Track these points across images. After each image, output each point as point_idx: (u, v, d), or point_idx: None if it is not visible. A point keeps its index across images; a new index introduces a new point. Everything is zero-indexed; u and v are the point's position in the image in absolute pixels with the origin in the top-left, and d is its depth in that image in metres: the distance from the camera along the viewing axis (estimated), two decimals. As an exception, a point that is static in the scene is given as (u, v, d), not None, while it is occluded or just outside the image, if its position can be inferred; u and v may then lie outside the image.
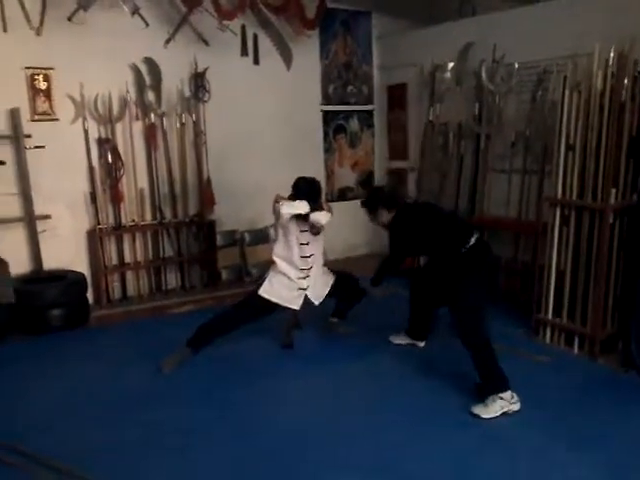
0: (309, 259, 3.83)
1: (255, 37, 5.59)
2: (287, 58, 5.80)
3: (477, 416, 3.08)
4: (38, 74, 4.65)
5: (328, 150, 6.22)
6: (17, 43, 4.53)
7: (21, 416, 3.20)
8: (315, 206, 3.69)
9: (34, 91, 4.66)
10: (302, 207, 3.64)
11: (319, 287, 3.91)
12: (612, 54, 3.51)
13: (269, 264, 5.05)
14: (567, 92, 3.77)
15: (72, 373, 3.77)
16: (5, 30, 4.48)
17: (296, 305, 3.86)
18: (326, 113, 6.16)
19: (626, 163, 3.66)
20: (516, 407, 3.10)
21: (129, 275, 5.25)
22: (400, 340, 4.13)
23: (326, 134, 6.19)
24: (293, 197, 3.75)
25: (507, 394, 3.10)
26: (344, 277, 4.11)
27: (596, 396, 3.30)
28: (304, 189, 3.75)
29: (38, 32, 4.59)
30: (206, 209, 5.41)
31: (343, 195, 6.37)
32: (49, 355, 4.06)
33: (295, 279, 3.81)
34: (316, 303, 3.91)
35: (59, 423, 3.11)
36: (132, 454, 2.80)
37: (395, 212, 3.64)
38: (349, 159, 6.38)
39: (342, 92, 6.21)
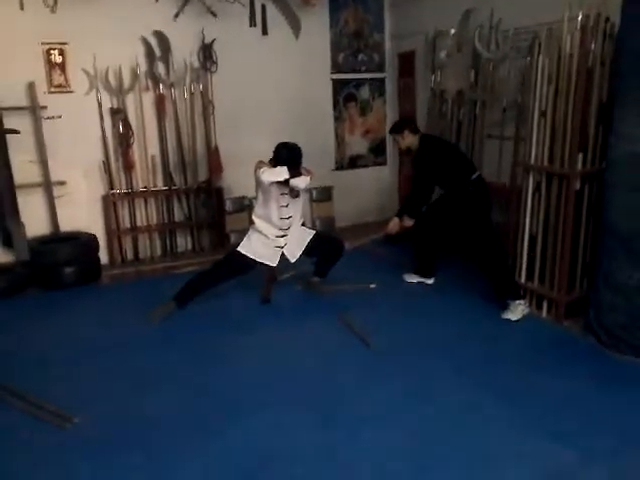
0: (287, 220, 4.07)
1: (263, 8, 5.74)
2: (296, 28, 5.94)
3: (508, 320, 3.84)
4: (54, 49, 5.01)
5: (338, 118, 6.35)
6: (33, 20, 4.89)
7: (20, 357, 3.61)
8: (295, 171, 3.89)
9: (50, 65, 5.03)
10: (282, 174, 3.86)
11: (295, 245, 4.16)
12: (580, 17, 3.49)
13: None
14: (540, 57, 3.78)
15: (75, 322, 4.18)
16: (22, 8, 4.83)
17: (273, 262, 4.12)
18: (336, 81, 6.28)
19: (596, 130, 3.66)
20: (528, 310, 3.93)
21: (142, 238, 5.61)
22: (411, 279, 4.64)
23: (336, 102, 6.32)
24: (274, 162, 3.95)
25: (523, 300, 3.92)
26: (322, 236, 4.32)
27: (545, 356, 3.40)
28: (285, 155, 3.96)
29: (53, 9, 4.92)
30: (214, 176, 5.68)
31: (354, 163, 6.52)
32: (59, 307, 4.48)
33: (272, 237, 4.06)
34: (292, 260, 4.17)
35: (51, 362, 3.52)
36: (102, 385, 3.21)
37: (419, 138, 4.30)
38: (360, 127, 6.50)
39: (353, 60, 6.30)
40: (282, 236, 4.11)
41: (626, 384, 3.06)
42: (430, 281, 4.60)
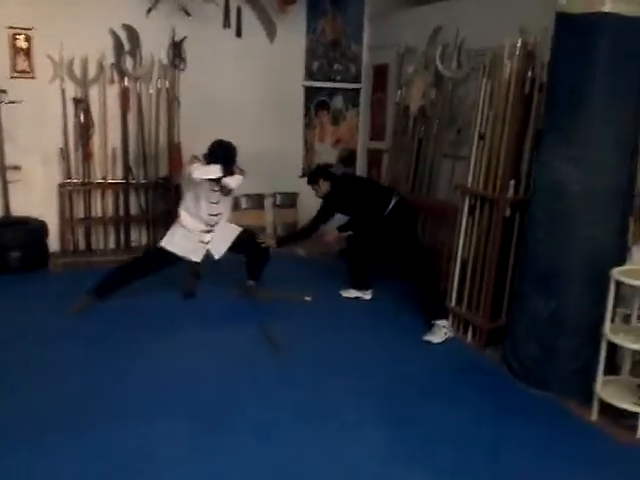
0: (216, 217, 4.08)
1: (239, 10, 5.75)
2: (270, 32, 5.95)
3: (429, 342, 3.78)
4: (20, 34, 5.02)
5: (308, 125, 6.34)
6: (1, 4, 4.90)
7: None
8: (228, 170, 3.87)
9: (15, 50, 5.04)
10: (214, 172, 3.85)
11: (220, 242, 4.17)
12: (518, 44, 3.46)
13: None
14: (484, 80, 3.75)
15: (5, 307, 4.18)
16: (-11, -8, 4.85)
17: (197, 257, 4.11)
18: (308, 88, 6.26)
19: (530, 157, 3.62)
20: (452, 334, 3.89)
21: (96, 229, 5.61)
22: (349, 294, 4.63)
23: (307, 109, 6.30)
24: (208, 159, 3.94)
25: (448, 322, 3.90)
26: (248, 234, 4.33)
27: (452, 383, 3.35)
28: (219, 153, 3.95)
29: (21, -6, 4.94)
30: (174, 172, 5.67)
31: (322, 171, 6.46)
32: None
33: (197, 232, 4.04)
34: (216, 257, 4.19)
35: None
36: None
37: (331, 182, 4.33)
38: (331, 136, 6.48)
39: (327, 69, 6.29)
40: (208, 232, 4.09)
41: (523, 417, 2.99)
42: (368, 295, 4.60)
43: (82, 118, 5.27)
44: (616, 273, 2.84)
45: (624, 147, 2.98)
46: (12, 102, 5.05)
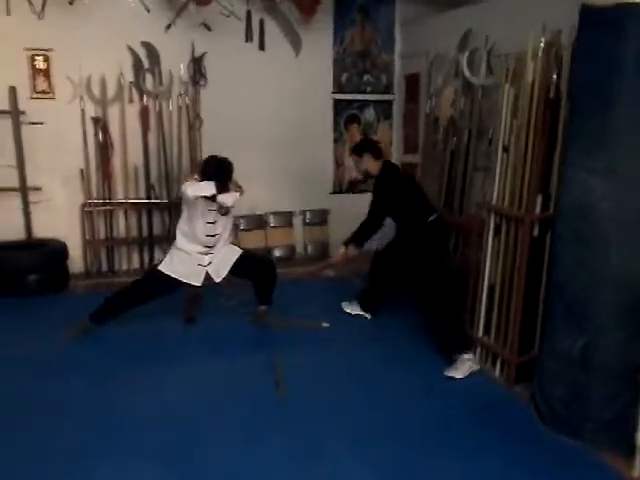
0: (214, 238, 3.85)
1: (261, 22, 5.56)
2: (296, 44, 5.73)
3: (452, 378, 3.40)
4: (38, 55, 5.00)
5: (338, 140, 6.07)
6: (19, 25, 4.90)
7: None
8: (223, 187, 3.65)
9: (34, 71, 5.03)
10: (208, 189, 3.63)
11: (220, 264, 3.93)
12: (542, 44, 3.07)
13: (261, 250, 5.21)
14: (507, 87, 3.38)
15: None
16: (9, 13, 4.85)
17: (196, 281, 3.88)
18: (337, 102, 6.00)
19: (560, 169, 3.21)
20: (477, 367, 3.49)
21: (119, 250, 5.50)
22: (350, 309, 4.38)
23: (337, 123, 6.03)
24: (202, 176, 3.73)
25: (472, 354, 3.51)
26: (250, 256, 4.08)
27: (470, 428, 2.96)
28: (213, 169, 3.73)
29: (40, 16, 4.92)
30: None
31: (353, 187, 6.19)
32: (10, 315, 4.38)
33: (195, 255, 3.82)
34: (216, 280, 3.94)
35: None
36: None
37: (381, 165, 4.04)
38: (362, 150, 6.15)
39: (357, 81, 6.01)
40: (206, 254, 3.86)
41: (552, 472, 2.59)
42: (368, 316, 4.32)
43: (101, 137, 5.17)
44: (655, 306, 2.41)
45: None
46: (33, 123, 5.01)
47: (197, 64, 5.39)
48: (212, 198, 3.64)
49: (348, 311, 4.39)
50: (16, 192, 5.08)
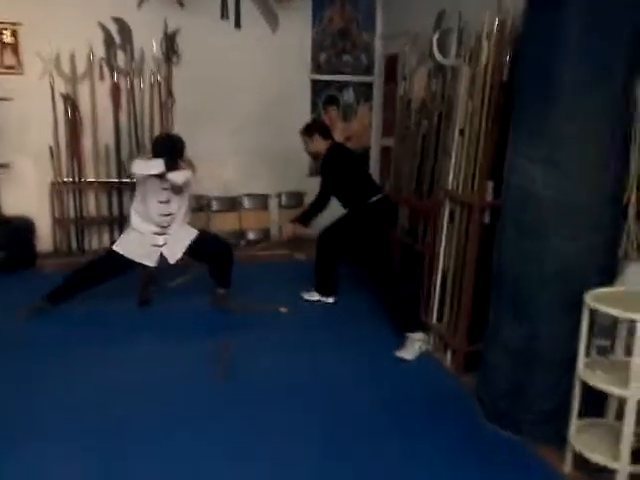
0: (168, 217, 3.79)
1: (237, 0, 5.44)
2: (272, 23, 5.62)
3: (402, 359, 3.39)
4: (6, 29, 4.90)
5: (316, 121, 5.93)
6: (-15, -1, 4.80)
7: None
8: (172, 164, 3.57)
9: (1, 45, 4.93)
10: (155, 166, 3.56)
11: (176, 245, 3.87)
12: (496, 23, 2.96)
13: (234, 233, 5.16)
14: (465, 67, 3.27)
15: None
16: (-25, -13, 4.75)
17: (150, 262, 3.83)
18: (315, 82, 5.89)
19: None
20: (427, 347, 3.52)
21: (91, 230, 5.45)
22: (310, 297, 4.37)
23: (315, 105, 5.92)
24: (153, 154, 3.66)
25: (423, 335, 3.50)
26: (207, 237, 4.02)
27: (411, 418, 2.90)
28: (163, 147, 3.67)
29: (8, -11, 4.82)
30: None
31: (331, 170, 6.06)
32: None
33: (149, 235, 3.76)
34: (171, 261, 3.90)
35: None
36: None
37: (330, 144, 4.06)
38: (341, 132, 6.06)
39: (336, 61, 5.89)
40: (161, 234, 3.80)
41: (486, 467, 2.53)
42: (330, 300, 4.31)
43: (70, 115, 5.09)
44: (590, 298, 2.33)
45: (607, 145, 2.44)
46: (0, 99, 4.93)
47: (170, 41, 5.29)
48: (162, 176, 3.57)
49: (308, 299, 4.37)
50: (-18, 169, 5.02)
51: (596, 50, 2.34)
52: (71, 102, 5.10)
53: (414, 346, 3.48)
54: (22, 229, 4.96)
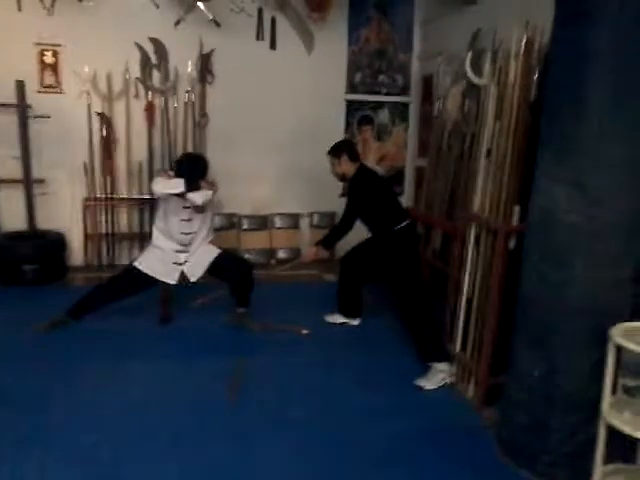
0: (189, 236, 3.77)
1: (273, 21, 5.46)
2: (308, 43, 5.61)
3: (422, 388, 3.26)
4: (47, 50, 5.05)
5: (350, 141, 5.87)
6: (29, 21, 4.97)
7: None
8: (192, 184, 3.56)
9: (42, 65, 5.08)
10: (176, 186, 3.56)
11: (197, 264, 3.85)
12: (523, 40, 2.83)
13: (264, 251, 5.13)
14: (492, 86, 3.15)
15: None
16: (20, 9, 4.91)
17: (171, 279, 3.81)
18: (350, 102, 5.82)
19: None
20: (451, 379, 3.32)
21: (122, 246, 5.50)
22: (333, 319, 4.24)
23: (349, 124, 5.86)
24: (175, 173, 3.67)
25: (448, 366, 3.31)
26: (228, 256, 3.97)
27: (428, 447, 2.76)
28: (185, 166, 3.67)
29: (50, 12, 4.96)
30: (200, 189, 5.45)
31: (364, 191, 5.98)
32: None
33: (171, 252, 3.74)
34: (192, 280, 3.87)
35: None
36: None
37: (357, 167, 3.90)
38: (375, 152, 5.99)
39: (372, 81, 5.83)
40: (182, 252, 3.78)
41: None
42: (355, 322, 4.20)
43: (105, 132, 5.17)
44: (617, 333, 2.15)
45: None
46: (39, 117, 5.06)
47: (205, 61, 5.32)
48: (182, 195, 3.55)
49: (332, 321, 4.26)
50: (20, 184, 5.12)
51: (627, 66, 2.19)
52: (106, 120, 5.17)
53: (437, 377, 3.33)
54: (54, 243, 5.03)
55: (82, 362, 3.49)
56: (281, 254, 5.82)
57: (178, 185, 3.54)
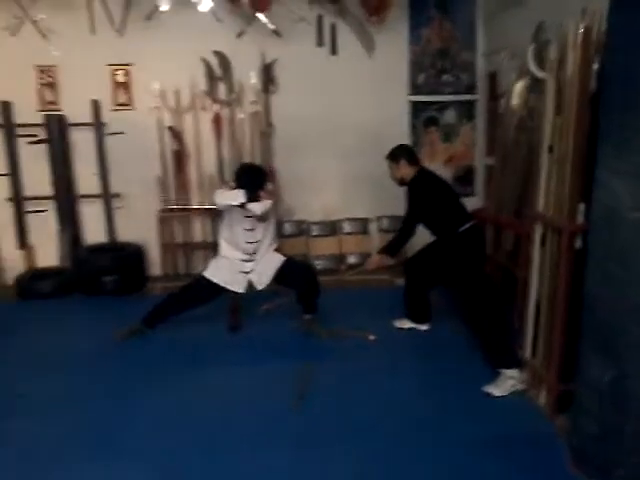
0: (253, 245, 3.84)
1: (333, 27, 5.50)
2: (368, 47, 5.60)
3: (490, 395, 3.17)
4: (119, 70, 5.31)
5: (416, 144, 5.81)
6: (102, 43, 5.24)
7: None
8: (252, 195, 3.63)
9: (115, 84, 5.34)
10: (236, 197, 3.65)
11: (263, 272, 3.91)
12: (581, 30, 2.72)
13: (334, 257, 5.18)
14: (550, 79, 3.04)
15: (67, 330, 4.37)
16: (93, 33, 5.20)
17: (239, 288, 3.90)
18: (414, 104, 5.76)
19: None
20: (521, 386, 3.19)
21: (198, 255, 5.67)
22: (402, 324, 4.19)
23: (414, 126, 5.79)
24: (236, 184, 3.76)
25: (518, 372, 3.19)
26: (293, 263, 4.00)
27: (495, 457, 2.67)
28: (244, 178, 3.75)
29: (120, 33, 5.22)
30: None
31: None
32: (73, 313, 4.76)
33: (238, 262, 3.83)
34: (259, 288, 3.94)
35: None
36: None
37: (416, 170, 3.86)
38: (442, 154, 5.88)
39: (435, 81, 5.73)
40: (248, 261, 3.86)
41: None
42: (424, 327, 4.12)
43: (176, 146, 5.37)
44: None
45: None
46: (114, 133, 5.32)
47: (267, 70, 5.42)
48: (242, 206, 3.64)
49: (400, 327, 4.21)
50: (99, 198, 5.40)
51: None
52: (176, 134, 5.36)
53: (506, 383, 3.23)
54: (133, 254, 5.27)
55: (155, 368, 3.63)
56: (351, 259, 5.81)
57: (238, 196, 3.63)
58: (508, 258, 4.53)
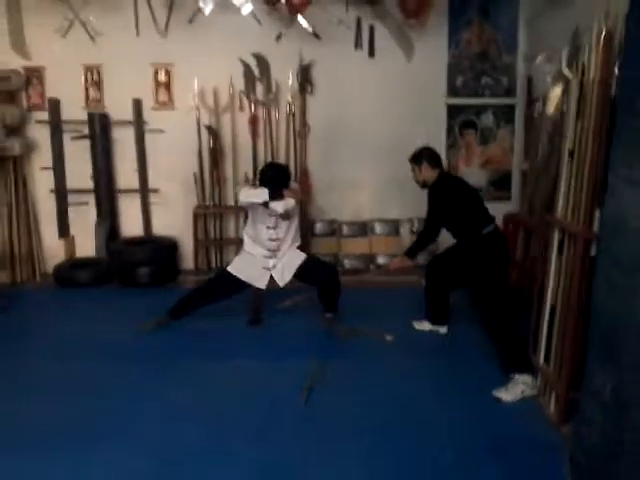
0: (276, 242, 3.91)
1: (371, 29, 5.53)
2: (407, 50, 5.60)
3: (499, 399, 3.12)
4: (161, 69, 5.49)
5: (452, 146, 5.78)
6: (146, 44, 5.43)
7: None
8: (275, 193, 3.70)
9: (157, 84, 5.52)
10: (259, 195, 3.72)
11: (284, 269, 3.99)
12: (603, 33, 2.67)
13: (364, 257, 5.22)
14: (573, 83, 3.00)
15: (93, 319, 4.53)
16: (138, 34, 5.39)
17: (261, 284, 3.98)
18: (451, 106, 5.72)
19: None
20: (532, 392, 3.15)
21: (230, 250, 5.80)
22: (421, 326, 4.18)
23: (451, 129, 5.76)
24: (259, 183, 3.85)
25: (530, 378, 3.16)
26: (314, 261, 4.06)
27: (496, 470, 2.63)
28: (268, 176, 3.82)
29: (163, 35, 5.40)
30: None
31: (467, 196, 5.85)
32: (106, 303, 4.91)
33: (260, 258, 3.91)
34: (280, 285, 4.01)
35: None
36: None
37: (438, 173, 3.88)
38: (479, 157, 5.82)
39: (474, 84, 5.68)
40: (271, 257, 3.93)
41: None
42: (443, 329, 4.11)
43: (213, 145, 5.51)
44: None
45: None
46: (154, 131, 5.50)
47: (305, 72, 5.49)
48: (265, 204, 3.71)
49: (419, 328, 4.20)
50: (137, 193, 5.60)
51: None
52: (214, 133, 5.50)
53: (516, 388, 3.19)
54: (167, 248, 5.43)
55: (173, 359, 3.72)
56: (380, 260, 5.82)
57: (262, 194, 3.71)
58: (535, 264, 4.44)
